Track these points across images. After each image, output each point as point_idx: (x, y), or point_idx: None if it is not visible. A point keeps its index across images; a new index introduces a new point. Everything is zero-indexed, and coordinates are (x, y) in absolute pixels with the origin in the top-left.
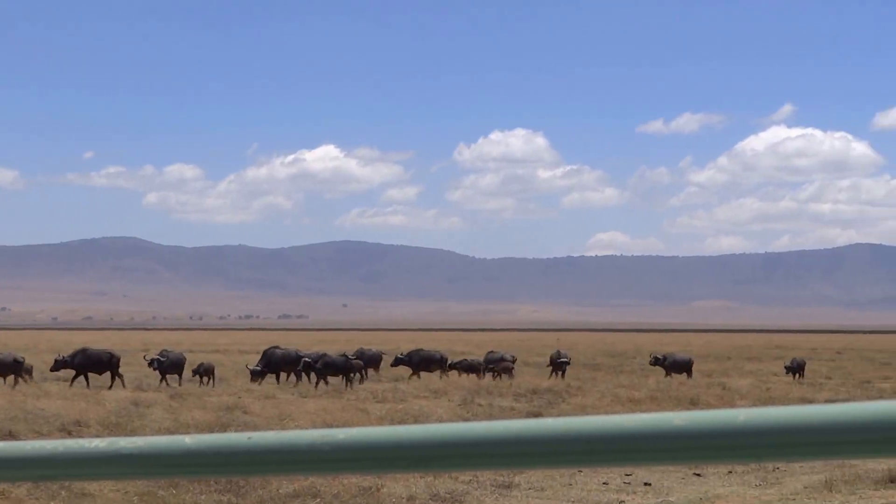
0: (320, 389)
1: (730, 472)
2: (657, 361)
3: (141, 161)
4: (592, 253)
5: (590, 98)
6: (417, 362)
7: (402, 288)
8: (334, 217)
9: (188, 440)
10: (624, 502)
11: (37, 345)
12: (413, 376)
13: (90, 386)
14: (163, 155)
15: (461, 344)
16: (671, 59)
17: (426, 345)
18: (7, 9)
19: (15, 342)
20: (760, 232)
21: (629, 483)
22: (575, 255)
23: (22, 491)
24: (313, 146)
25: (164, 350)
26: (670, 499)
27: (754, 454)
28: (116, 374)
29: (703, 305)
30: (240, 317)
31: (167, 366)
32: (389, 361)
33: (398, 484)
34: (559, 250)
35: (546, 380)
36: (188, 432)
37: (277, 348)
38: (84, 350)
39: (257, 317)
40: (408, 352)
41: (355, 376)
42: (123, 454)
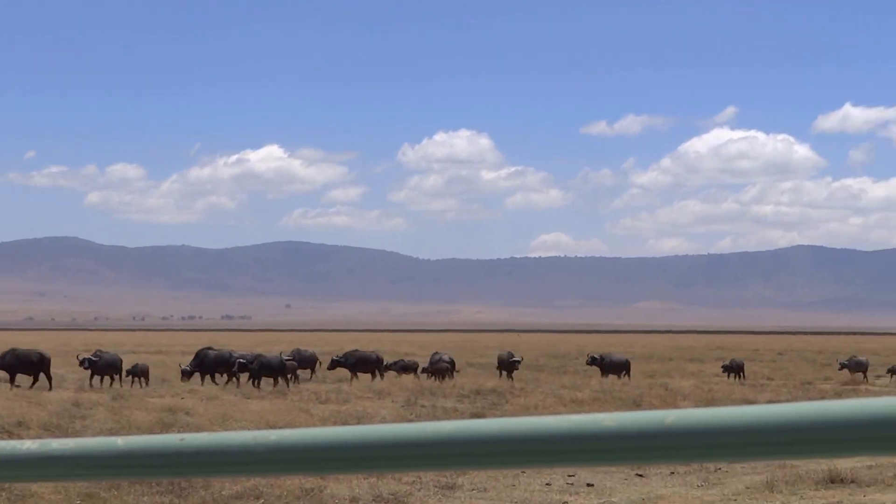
0: (263, 390)
1: (672, 473)
2: (594, 361)
3: (83, 161)
4: (536, 254)
5: (534, 99)
6: (353, 363)
7: (346, 289)
8: (278, 217)
9: (120, 442)
10: (567, 503)
11: None
12: (352, 378)
13: (20, 386)
14: (105, 154)
15: (405, 345)
16: (615, 62)
17: (369, 346)
18: None
19: None
20: (703, 234)
21: (572, 484)
22: (518, 257)
23: None
24: (257, 146)
25: (98, 350)
26: (613, 499)
27: (682, 455)
28: (47, 376)
29: (646, 306)
30: (182, 317)
31: (101, 366)
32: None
33: (341, 485)
34: (503, 251)
35: (490, 381)
36: (130, 433)
37: (211, 349)
38: (13, 350)
39: (200, 317)
40: (344, 353)
41: (291, 377)
42: (55, 456)
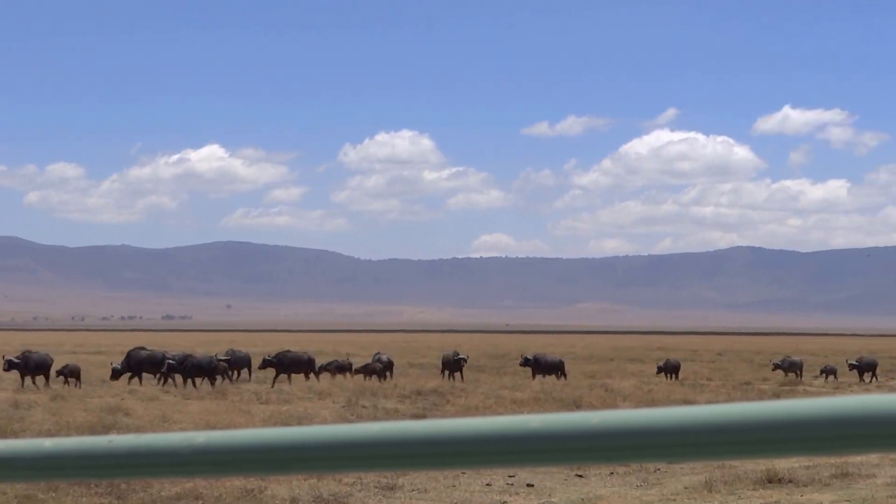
0: (203, 391)
1: (611, 473)
2: (527, 363)
3: (22, 160)
4: (477, 254)
5: (476, 100)
6: (284, 364)
7: (287, 289)
8: (219, 217)
9: (48, 443)
10: (507, 503)
11: None
12: (285, 378)
13: None
14: (44, 154)
15: (346, 345)
16: (557, 63)
17: (311, 347)
18: None
19: None
20: (643, 234)
21: (512, 484)
22: (460, 257)
23: None
24: (198, 146)
25: (27, 351)
26: (552, 500)
27: (608, 456)
28: None
29: (587, 307)
30: (122, 317)
31: (29, 366)
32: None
33: (282, 486)
34: (444, 252)
35: (431, 381)
36: (69, 434)
37: (143, 349)
38: None
39: (140, 317)
40: (275, 353)
41: (222, 378)
42: None
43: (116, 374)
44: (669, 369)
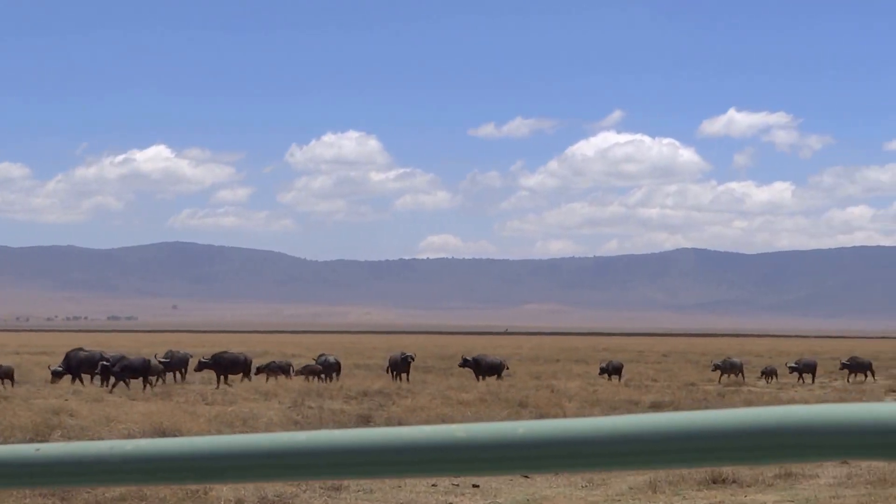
0: (149, 392)
1: (557, 474)
2: (466, 363)
3: None
4: (424, 256)
5: (422, 102)
6: (222, 365)
7: (234, 290)
8: (165, 218)
9: None
10: None
11: None
12: (232, 379)
13: None
14: None
15: (292, 346)
16: (503, 65)
17: (257, 347)
18: None
19: None
20: (589, 236)
21: (458, 485)
22: (407, 258)
23: None
24: (144, 146)
25: None
26: (498, 500)
27: (533, 465)
28: None
29: (533, 308)
30: (67, 318)
31: None
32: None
33: (226, 487)
34: (391, 253)
35: (377, 382)
36: (13, 435)
37: (81, 350)
38: None
39: (85, 318)
40: (211, 354)
41: (158, 379)
42: None
43: (57, 376)
44: (612, 370)
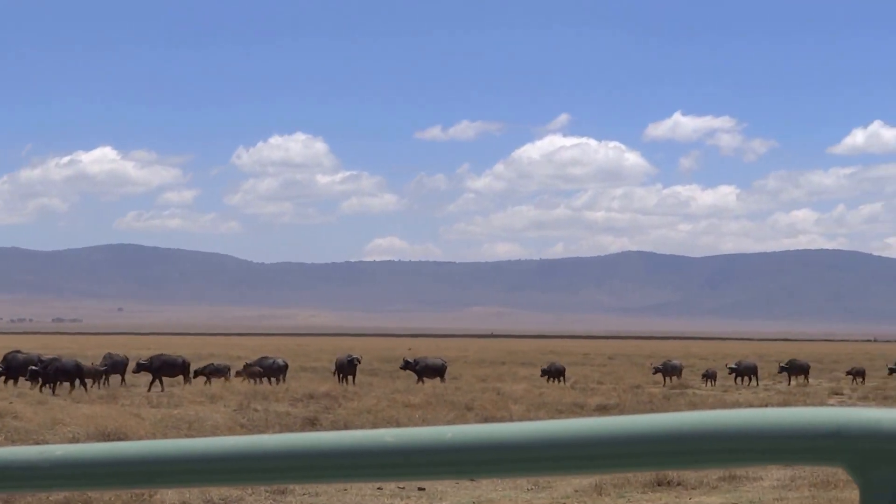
0: (93, 394)
1: (501, 478)
2: (408, 366)
3: None
4: (370, 258)
5: (369, 104)
6: (159, 367)
7: (180, 292)
8: (111, 220)
9: None
10: None
11: None
12: (155, 382)
13: None
14: None
15: (238, 349)
16: (450, 68)
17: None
18: None
19: None
20: (535, 239)
21: (403, 488)
22: (353, 261)
23: None
24: (90, 148)
25: None
26: (443, 503)
27: (462, 471)
28: None
29: (480, 311)
30: (12, 320)
31: None
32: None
33: (171, 490)
34: (337, 255)
35: (323, 384)
36: None
37: (19, 352)
38: None
39: (30, 320)
40: (149, 356)
41: (95, 383)
42: None
43: None
44: (554, 373)
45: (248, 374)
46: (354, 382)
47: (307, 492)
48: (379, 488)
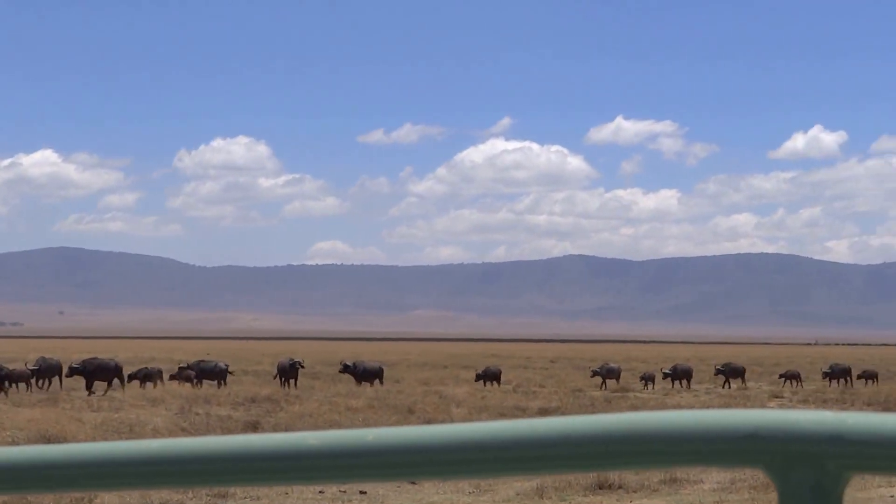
0: (34, 398)
1: (443, 480)
2: (346, 369)
3: None
4: (313, 262)
5: (312, 107)
6: (91, 371)
7: (121, 295)
8: (51, 223)
9: None
10: None
11: None
12: (88, 385)
13: None
14: None
15: (180, 353)
16: (392, 71)
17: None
18: None
19: None
20: (478, 242)
21: (345, 492)
22: (295, 264)
23: None
24: (30, 150)
25: None
26: None
27: (383, 473)
28: None
29: (422, 314)
30: None
31: None
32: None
33: (112, 493)
34: (279, 259)
35: (265, 388)
36: None
37: None
38: None
39: None
40: (82, 360)
41: (28, 387)
42: None
43: None
44: (489, 376)
45: (183, 378)
46: (296, 386)
47: (248, 495)
48: (320, 492)
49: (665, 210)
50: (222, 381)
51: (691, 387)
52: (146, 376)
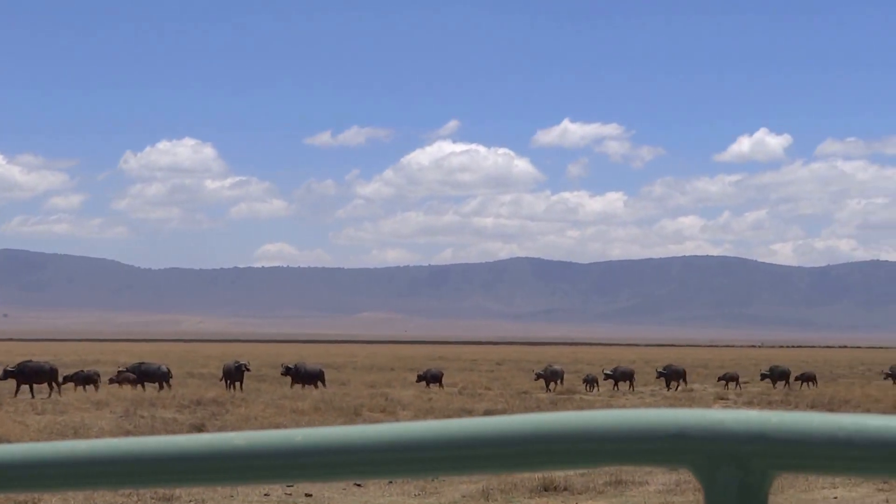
0: None
1: (390, 483)
2: (287, 371)
3: None
4: (259, 264)
5: (258, 109)
6: (26, 374)
7: (66, 298)
8: None
9: None
10: None
11: None
12: (18, 388)
13: None
14: None
15: (125, 355)
16: (339, 73)
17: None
18: None
19: None
20: (425, 245)
21: (290, 494)
22: (242, 266)
23: None
24: None
25: None
26: None
27: (311, 474)
28: None
29: (369, 317)
30: None
31: None
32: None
33: (55, 496)
34: (226, 261)
35: (211, 391)
36: None
37: None
38: None
39: None
40: (16, 363)
41: None
42: None
43: None
44: (430, 378)
45: (122, 381)
46: (242, 389)
47: (194, 498)
48: (266, 494)
49: (611, 213)
50: (164, 384)
51: (636, 389)
52: (84, 379)
